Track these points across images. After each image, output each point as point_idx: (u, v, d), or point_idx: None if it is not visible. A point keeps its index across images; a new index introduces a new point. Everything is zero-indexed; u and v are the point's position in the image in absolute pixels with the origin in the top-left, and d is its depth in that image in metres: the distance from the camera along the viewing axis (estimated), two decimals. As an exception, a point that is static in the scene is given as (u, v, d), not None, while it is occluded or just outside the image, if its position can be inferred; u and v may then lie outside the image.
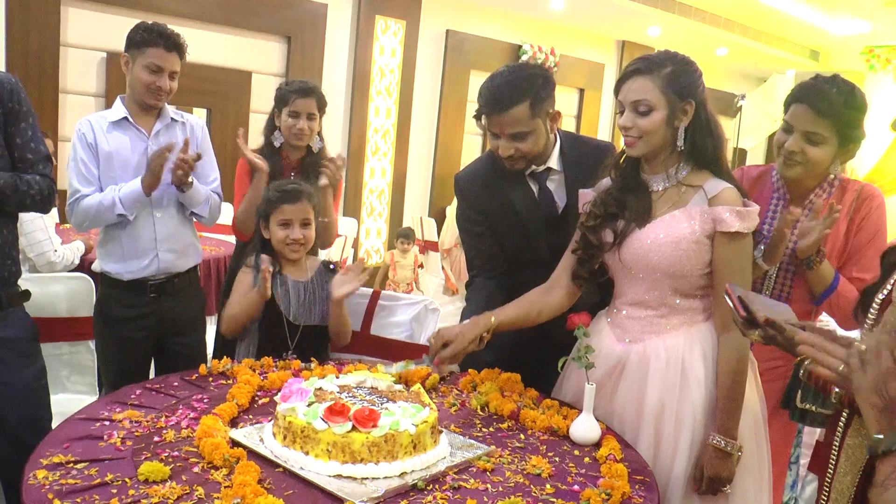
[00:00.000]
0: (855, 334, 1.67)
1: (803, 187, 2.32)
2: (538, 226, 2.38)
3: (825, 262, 2.21)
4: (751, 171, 2.47)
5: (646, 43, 9.70)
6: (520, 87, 2.20)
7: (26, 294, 2.40)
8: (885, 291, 1.51)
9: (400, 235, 6.72)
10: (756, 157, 12.10)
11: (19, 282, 2.38)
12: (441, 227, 6.97)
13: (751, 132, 9.60)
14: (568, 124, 9.21)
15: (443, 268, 6.81)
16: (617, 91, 2.05)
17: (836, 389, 1.50)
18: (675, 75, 1.97)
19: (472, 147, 8.50)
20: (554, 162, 2.37)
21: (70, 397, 3.12)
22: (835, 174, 2.25)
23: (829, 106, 2.13)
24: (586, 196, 2.19)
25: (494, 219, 2.42)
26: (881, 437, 1.14)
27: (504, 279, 2.34)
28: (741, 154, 11.13)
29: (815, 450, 1.94)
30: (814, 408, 1.66)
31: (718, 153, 2.03)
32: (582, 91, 9.39)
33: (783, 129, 2.26)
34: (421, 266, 6.85)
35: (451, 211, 7.11)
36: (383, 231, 7.87)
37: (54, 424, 2.13)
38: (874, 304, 1.51)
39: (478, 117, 2.31)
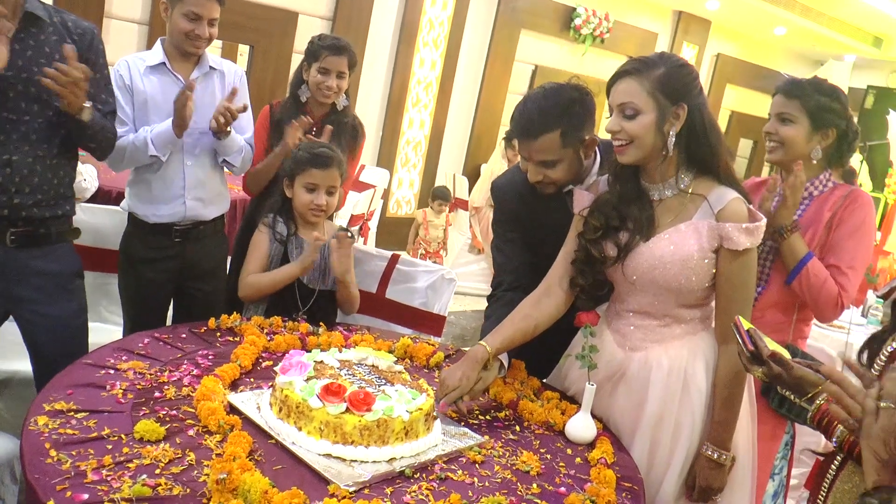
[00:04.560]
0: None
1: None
2: None
3: (797, 234, 2.29)
4: (757, 179, 2.63)
5: (703, 15, 9.43)
6: (552, 114, 2.08)
7: (76, 231, 2.45)
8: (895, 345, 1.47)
9: (436, 195, 6.67)
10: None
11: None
12: (473, 185, 6.92)
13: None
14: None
15: (470, 226, 6.76)
16: (608, 93, 1.97)
17: (839, 432, 1.47)
18: (667, 77, 1.88)
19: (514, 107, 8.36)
20: (592, 180, 2.24)
21: (106, 327, 3.23)
22: (815, 159, 2.35)
23: (797, 88, 2.34)
24: (582, 199, 2.11)
25: (528, 229, 2.34)
26: (875, 496, 1.12)
27: (529, 292, 2.20)
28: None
29: (814, 468, 1.93)
30: (794, 397, 1.64)
31: (716, 160, 1.95)
32: (632, 59, 9.17)
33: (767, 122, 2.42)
34: (449, 224, 6.82)
35: (486, 168, 7.03)
36: (416, 183, 7.84)
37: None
38: (882, 355, 1.47)
39: (508, 139, 2.24)
